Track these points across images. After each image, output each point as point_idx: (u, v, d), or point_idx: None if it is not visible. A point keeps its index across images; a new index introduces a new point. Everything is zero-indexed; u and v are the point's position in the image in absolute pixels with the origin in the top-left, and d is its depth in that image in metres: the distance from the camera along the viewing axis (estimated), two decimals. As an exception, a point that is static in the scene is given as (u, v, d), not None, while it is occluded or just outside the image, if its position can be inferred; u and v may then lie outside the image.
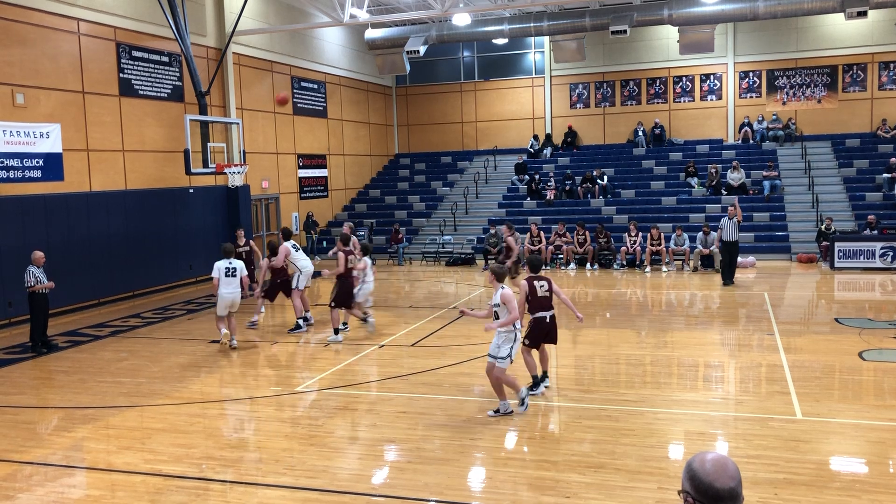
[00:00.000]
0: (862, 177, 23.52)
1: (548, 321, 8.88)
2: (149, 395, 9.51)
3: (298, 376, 10.45)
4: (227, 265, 11.85)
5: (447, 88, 30.92)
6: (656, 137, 27.75)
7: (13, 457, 7.43)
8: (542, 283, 8.88)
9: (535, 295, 8.80)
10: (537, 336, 8.91)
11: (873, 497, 5.96)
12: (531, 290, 8.79)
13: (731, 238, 16.73)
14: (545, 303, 8.85)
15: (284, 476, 6.72)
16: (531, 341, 8.91)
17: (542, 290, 8.84)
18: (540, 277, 8.96)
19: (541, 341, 9.00)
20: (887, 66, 25.78)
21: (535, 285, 8.82)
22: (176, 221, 18.79)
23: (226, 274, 11.78)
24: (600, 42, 27.78)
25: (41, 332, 12.19)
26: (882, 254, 18.61)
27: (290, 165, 24.26)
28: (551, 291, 8.93)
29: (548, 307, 8.88)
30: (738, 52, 27.25)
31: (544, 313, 8.85)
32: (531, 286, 8.79)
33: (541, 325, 8.85)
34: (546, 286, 8.88)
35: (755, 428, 7.65)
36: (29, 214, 14.75)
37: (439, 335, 12.58)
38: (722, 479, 2.36)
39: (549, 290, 8.90)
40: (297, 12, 24.13)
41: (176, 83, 19.15)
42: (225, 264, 11.86)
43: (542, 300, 8.83)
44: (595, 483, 6.35)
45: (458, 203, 25.92)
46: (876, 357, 10.36)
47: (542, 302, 8.83)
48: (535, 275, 9.02)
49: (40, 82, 15.32)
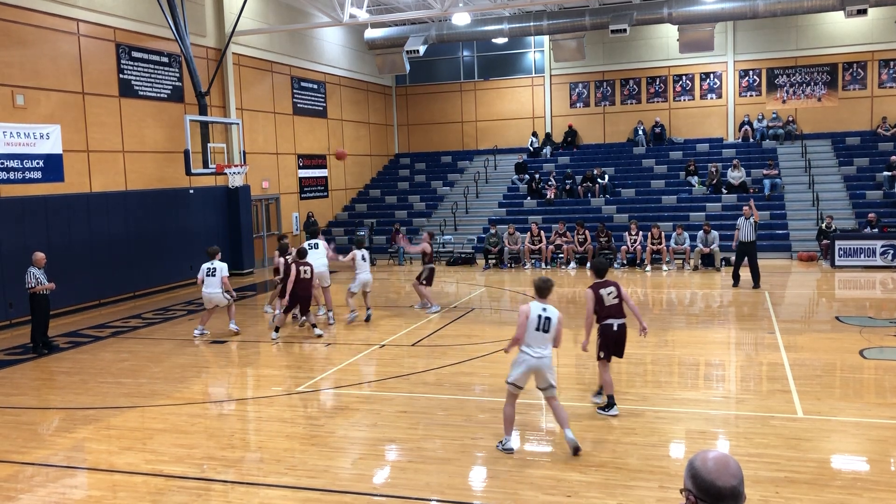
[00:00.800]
0: (862, 175, 23.51)
1: (615, 329, 8.13)
2: (150, 395, 9.51)
3: (299, 376, 10.45)
4: (209, 266, 12.73)
5: (447, 88, 30.92)
6: (656, 136, 27.75)
7: (15, 458, 7.43)
8: (610, 289, 8.17)
9: (602, 304, 8.11)
10: (607, 347, 8.17)
11: (874, 495, 5.96)
12: (597, 298, 8.10)
13: (748, 238, 16.23)
14: (614, 311, 8.14)
15: (286, 476, 6.72)
16: (605, 352, 8.19)
17: (610, 298, 8.14)
18: (606, 283, 8.21)
19: (611, 353, 8.22)
20: (887, 64, 25.77)
21: (602, 293, 8.13)
22: (176, 222, 18.80)
23: (207, 274, 12.69)
24: (600, 41, 27.78)
25: (42, 333, 12.20)
26: (883, 252, 18.61)
27: (290, 166, 24.27)
28: (621, 298, 8.20)
29: (618, 315, 8.16)
30: (738, 51, 27.25)
31: (612, 321, 8.14)
32: (597, 294, 8.12)
33: (608, 333, 8.13)
34: (615, 292, 8.18)
35: (756, 426, 7.65)
36: (29, 215, 14.75)
37: (440, 335, 12.58)
38: (724, 478, 2.36)
39: (618, 297, 8.17)
40: (296, 12, 24.13)
41: (176, 84, 19.15)
42: (207, 265, 12.76)
43: (611, 308, 8.12)
44: (596, 482, 6.35)
45: (459, 203, 25.92)
46: (877, 355, 10.35)
47: (611, 311, 8.12)
48: (601, 280, 8.26)
49: (40, 83, 15.32)
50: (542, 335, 6.95)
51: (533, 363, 6.95)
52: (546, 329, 6.94)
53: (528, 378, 7.06)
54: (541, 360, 6.95)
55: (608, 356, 8.21)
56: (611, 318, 8.12)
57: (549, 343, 7.00)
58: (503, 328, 13.18)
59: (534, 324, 6.93)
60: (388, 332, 12.90)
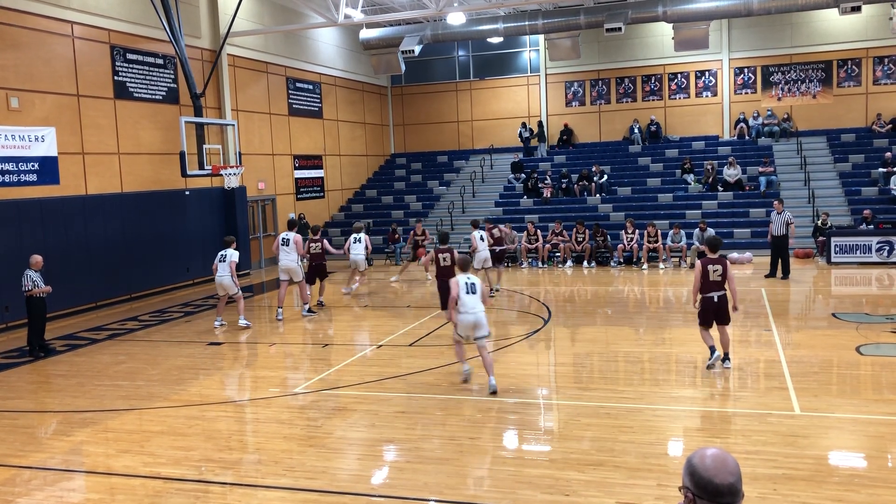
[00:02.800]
0: (857, 172, 23.56)
1: (716, 301, 9.43)
2: (147, 397, 9.50)
3: (297, 377, 10.45)
4: (222, 253, 13.54)
5: (442, 88, 30.91)
6: (652, 134, 27.77)
7: (12, 461, 7.41)
8: (717, 266, 9.41)
9: (707, 278, 9.42)
10: (706, 315, 9.53)
11: (872, 491, 5.97)
12: (704, 273, 9.42)
13: (779, 232, 17.04)
14: (715, 286, 9.44)
15: (284, 477, 6.72)
16: (701, 320, 9.61)
17: (715, 275, 9.40)
18: (715, 260, 9.45)
19: (711, 320, 9.55)
20: (882, 60, 25.83)
21: (709, 269, 9.42)
22: (173, 224, 18.76)
23: (219, 260, 13.48)
24: (595, 40, 27.79)
25: (39, 336, 12.16)
26: (878, 248, 18.65)
27: (286, 167, 24.24)
28: (724, 277, 9.41)
29: (718, 289, 9.45)
30: (733, 49, 27.29)
31: (713, 294, 9.43)
32: (704, 269, 9.43)
33: (708, 304, 9.45)
34: (720, 270, 9.42)
35: (754, 424, 7.66)
36: (25, 218, 14.71)
37: (437, 335, 12.58)
38: (722, 475, 2.36)
39: (722, 275, 9.41)
40: (291, 13, 24.11)
41: (171, 85, 19.12)
42: (221, 252, 13.58)
43: (712, 284, 9.43)
44: (594, 480, 6.35)
45: (455, 202, 25.92)
46: (873, 351, 10.37)
47: (712, 286, 9.44)
48: (713, 257, 9.51)
49: (35, 86, 15.28)
50: (473, 296, 9.06)
51: (471, 318, 9.00)
52: (474, 291, 9.08)
53: (470, 329, 9.06)
54: (477, 315, 9.01)
55: (706, 323, 9.60)
56: (712, 292, 9.47)
57: (479, 301, 9.07)
58: (500, 328, 13.19)
59: (464, 289, 9.06)
60: (386, 333, 12.89)
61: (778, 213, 17.22)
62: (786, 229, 17.06)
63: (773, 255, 17.28)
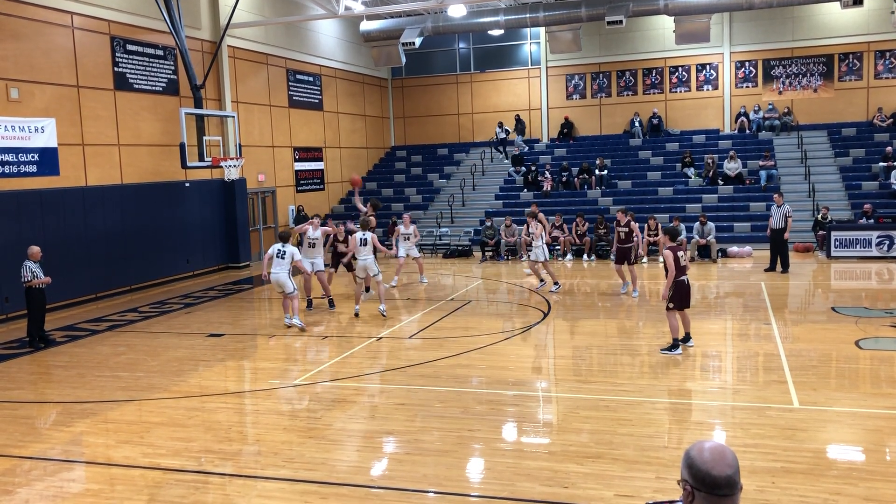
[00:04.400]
0: (858, 166, 23.54)
1: (686, 283, 10.22)
2: (147, 388, 9.52)
3: (296, 369, 10.46)
4: (280, 248, 12.65)
5: (443, 80, 30.85)
6: (653, 128, 27.73)
7: (12, 452, 7.43)
8: (682, 252, 10.23)
9: (678, 264, 10.06)
10: (684, 298, 10.20)
11: (870, 485, 5.99)
12: (675, 258, 10.03)
13: (778, 226, 17.10)
14: (684, 271, 10.20)
15: (283, 469, 6.73)
16: (677, 304, 10.19)
17: (683, 260, 10.20)
18: (680, 247, 10.28)
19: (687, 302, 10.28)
20: (883, 54, 25.77)
21: (679, 255, 10.08)
22: (173, 215, 18.76)
23: (277, 255, 12.62)
24: (596, 32, 27.73)
25: (38, 327, 12.17)
26: (878, 242, 18.65)
27: (286, 158, 24.21)
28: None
29: (685, 273, 10.26)
30: (734, 42, 27.23)
31: (684, 277, 10.18)
32: (675, 255, 10.04)
33: (682, 287, 10.14)
34: (685, 256, 10.31)
35: (752, 417, 7.67)
36: (25, 209, 14.71)
37: (437, 327, 12.59)
38: (720, 468, 2.37)
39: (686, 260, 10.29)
40: (291, 4, 24.03)
41: (171, 77, 19.08)
42: (278, 247, 12.69)
43: (682, 269, 10.15)
44: (593, 473, 6.37)
45: (455, 195, 25.90)
46: (872, 346, 10.39)
47: (683, 270, 10.16)
48: (677, 244, 10.27)
49: (34, 77, 15.25)
50: (365, 248, 13.19)
51: (361, 264, 13.22)
52: (365, 244, 13.19)
53: (363, 272, 13.33)
54: (366, 261, 13.23)
55: (679, 307, 10.22)
56: (682, 276, 10.18)
57: (370, 252, 13.18)
58: (500, 320, 13.21)
59: (360, 242, 13.18)
60: (386, 325, 12.90)
61: (778, 206, 17.27)
62: (784, 222, 17.08)
63: (773, 248, 17.33)
